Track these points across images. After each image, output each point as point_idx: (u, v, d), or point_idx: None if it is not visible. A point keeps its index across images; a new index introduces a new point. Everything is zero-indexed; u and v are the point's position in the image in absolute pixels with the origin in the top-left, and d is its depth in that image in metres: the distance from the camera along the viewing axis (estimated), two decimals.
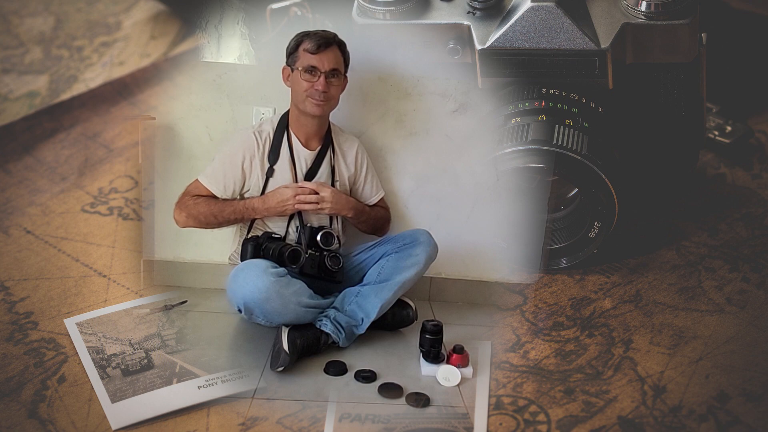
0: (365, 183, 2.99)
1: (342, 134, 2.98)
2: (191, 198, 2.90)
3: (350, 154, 2.97)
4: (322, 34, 2.88)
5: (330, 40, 2.87)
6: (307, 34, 2.89)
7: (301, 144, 2.91)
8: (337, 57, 2.87)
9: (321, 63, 2.85)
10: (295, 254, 2.83)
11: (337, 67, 2.86)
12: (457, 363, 2.76)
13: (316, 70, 2.85)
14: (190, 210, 2.90)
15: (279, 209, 2.87)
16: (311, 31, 2.89)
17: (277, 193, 2.88)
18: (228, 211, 2.89)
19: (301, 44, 2.87)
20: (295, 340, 2.78)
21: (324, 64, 2.85)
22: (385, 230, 3.01)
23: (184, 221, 2.91)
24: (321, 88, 2.85)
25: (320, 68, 2.85)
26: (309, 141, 2.92)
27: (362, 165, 2.98)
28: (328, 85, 2.85)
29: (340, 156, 2.95)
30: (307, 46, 2.86)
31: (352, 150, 2.97)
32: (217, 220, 2.90)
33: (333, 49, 2.86)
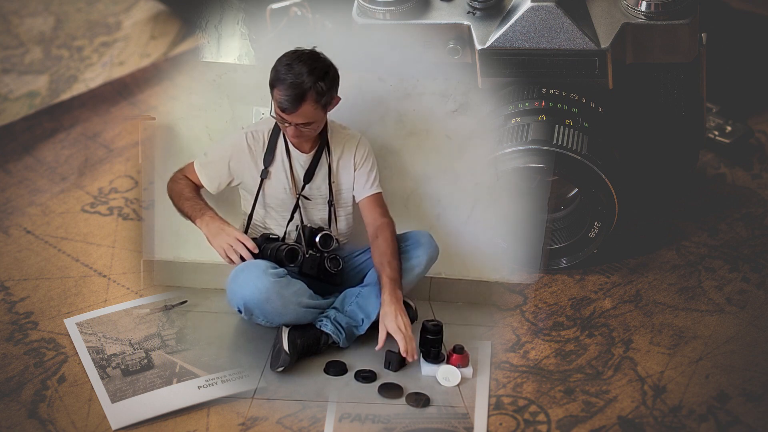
0: (359, 176, 2.94)
1: (342, 132, 2.96)
2: (181, 174, 2.94)
3: (349, 153, 2.94)
4: (294, 89, 2.73)
5: (301, 97, 2.73)
6: (283, 80, 2.74)
7: (295, 147, 2.91)
8: (308, 112, 2.76)
9: (290, 119, 2.77)
10: (293, 253, 2.83)
11: (307, 121, 2.78)
12: (457, 363, 2.77)
13: (286, 121, 2.79)
14: (173, 185, 2.92)
15: (210, 240, 2.84)
16: (287, 78, 2.73)
17: (221, 230, 2.84)
18: (186, 206, 2.89)
19: (274, 88, 2.76)
20: (295, 340, 2.78)
21: (293, 120, 2.77)
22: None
23: (168, 190, 2.94)
24: (290, 134, 2.82)
25: (289, 122, 2.78)
26: (302, 145, 2.91)
27: (363, 160, 2.95)
28: (299, 131, 2.80)
29: (337, 157, 2.93)
30: (278, 98, 2.76)
31: (353, 148, 2.94)
32: (177, 206, 2.91)
33: (305, 106, 2.75)
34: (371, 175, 2.95)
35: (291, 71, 2.75)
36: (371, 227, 2.91)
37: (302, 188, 2.91)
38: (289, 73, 2.75)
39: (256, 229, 2.93)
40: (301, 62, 2.76)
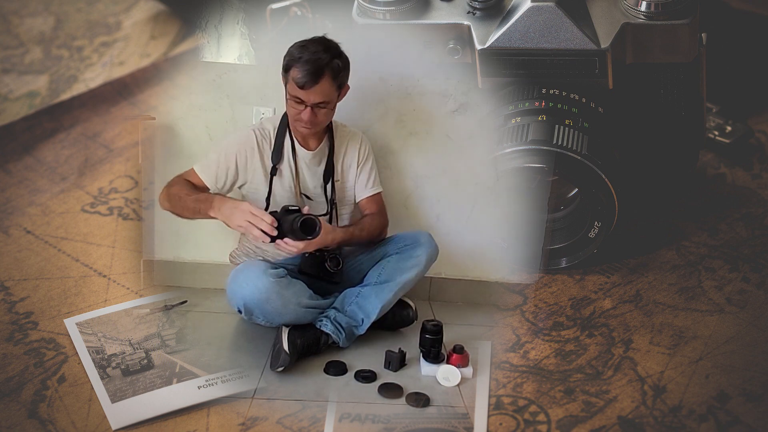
0: (360, 175, 2.95)
1: (344, 130, 2.96)
2: (179, 179, 2.88)
3: (352, 151, 2.94)
4: (312, 64, 2.74)
5: (320, 72, 2.75)
6: (299, 58, 2.76)
7: (300, 144, 2.91)
8: (325, 89, 2.77)
9: (307, 97, 2.77)
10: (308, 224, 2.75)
11: (325, 100, 2.78)
12: (457, 363, 2.76)
13: (303, 102, 2.78)
14: (170, 189, 2.86)
15: (228, 222, 2.79)
16: (303, 56, 2.75)
17: (234, 208, 2.78)
18: (190, 202, 2.83)
19: (291, 68, 2.76)
20: (295, 340, 2.78)
21: (310, 99, 2.77)
22: (382, 236, 2.97)
23: (161, 200, 2.88)
24: (306, 119, 2.80)
25: (306, 102, 2.78)
26: (307, 141, 2.91)
27: (364, 159, 2.95)
28: (314, 114, 2.79)
29: (340, 154, 2.94)
30: (295, 76, 2.76)
31: (355, 146, 2.94)
32: (181, 204, 2.84)
33: (322, 82, 2.76)
34: (372, 173, 2.96)
35: (306, 50, 2.76)
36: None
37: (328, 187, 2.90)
38: (305, 52, 2.75)
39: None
40: (315, 42, 2.78)
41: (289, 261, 2.88)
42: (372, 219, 2.95)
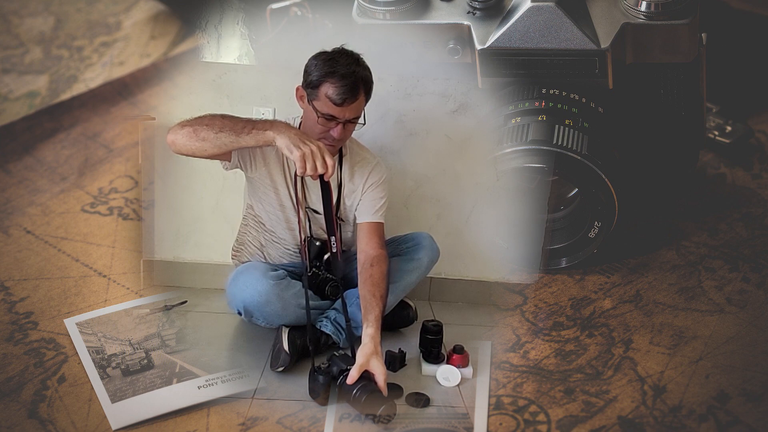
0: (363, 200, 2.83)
1: (359, 152, 2.85)
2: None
3: (360, 175, 2.83)
4: (350, 80, 2.61)
5: (356, 87, 2.62)
6: (334, 72, 2.61)
7: None
8: (361, 104, 2.66)
9: (342, 114, 2.65)
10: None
11: (357, 115, 2.67)
12: (457, 363, 2.76)
13: (335, 119, 2.66)
14: (194, 121, 2.63)
15: (293, 140, 2.56)
16: (338, 70, 2.61)
17: (304, 136, 2.58)
18: (236, 118, 2.61)
19: (323, 83, 2.63)
20: (295, 340, 2.78)
21: (345, 115, 2.66)
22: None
23: (174, 130, 2.66)
24: (337, 136, 2.67)
25: (339, 118, 2.66)
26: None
27: (375, 186, 2.83)
28: (345, 131, 2.69)
29: (347, 176, 2.84)
30: (331, 94, 2.62)
31: (365, 171, 2.84)
32: (215, 124, 2.60)
33: (360, 97, 2.64)
34: (379, 203, 2.84)
35: (338, 63, 2.64)
36: (365, 254, 2.79)
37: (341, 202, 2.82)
38: (338, 65, 2.64)
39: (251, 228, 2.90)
40: (345, 55, 2.67)
41: (288, 263, 2.88)
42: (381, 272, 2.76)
